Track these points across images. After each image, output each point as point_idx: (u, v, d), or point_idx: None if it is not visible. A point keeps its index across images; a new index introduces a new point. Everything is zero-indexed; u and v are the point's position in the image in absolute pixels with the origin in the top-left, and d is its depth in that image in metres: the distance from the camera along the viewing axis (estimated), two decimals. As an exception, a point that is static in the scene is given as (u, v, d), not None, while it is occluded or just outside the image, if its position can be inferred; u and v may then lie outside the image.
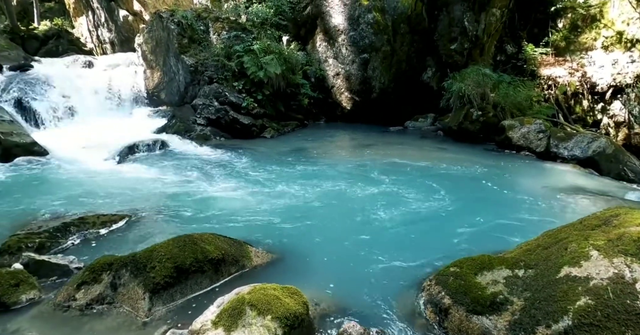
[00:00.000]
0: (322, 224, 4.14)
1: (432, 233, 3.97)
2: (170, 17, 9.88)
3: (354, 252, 3.57)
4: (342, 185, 5.34)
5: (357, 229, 4.04)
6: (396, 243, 3.77)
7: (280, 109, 9.59)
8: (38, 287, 2.95)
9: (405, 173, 5.98)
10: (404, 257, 3.44)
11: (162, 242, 2.94)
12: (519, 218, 4.39)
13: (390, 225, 4.13)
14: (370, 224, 4.17)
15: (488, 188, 5.36)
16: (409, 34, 9.89)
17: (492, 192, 5.21)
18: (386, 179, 5.62)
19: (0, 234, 3.82)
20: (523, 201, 4.92)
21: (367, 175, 5.83)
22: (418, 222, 4.22)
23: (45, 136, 7.84)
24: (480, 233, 3.97)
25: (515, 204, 4.83)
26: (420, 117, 10.24)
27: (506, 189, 5.37)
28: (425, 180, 5.61)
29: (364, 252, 3.55)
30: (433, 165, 6.43)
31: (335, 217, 4.33)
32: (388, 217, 4.32)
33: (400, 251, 3.55)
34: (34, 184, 5.54)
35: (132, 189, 5.24)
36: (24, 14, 19.15)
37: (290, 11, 10.45)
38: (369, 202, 4.77)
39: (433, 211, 4.49)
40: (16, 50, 14.18)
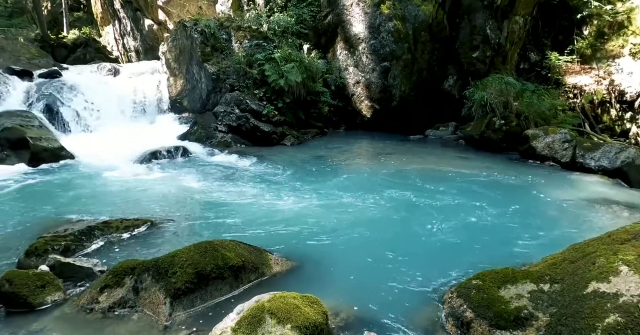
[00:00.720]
0: (342, 232, 4.11)
1: (454, 244, 3.90)
2: (194, 26, 10.09)
3: (375, 261, 3.54)
4: (362, 194, 5.31)
5: (378, 238, 4.00)
6: (417, 253, 3.71)
7: (301, 116, 9.65)
8: (63, 289, 3.01)
9: (425, 182, 5.91)
10: (425, 267, 3.38)
11: (184, 248, 2.97)
12: (544, 230, 4.28)
13: (411, 235, 4.08)
14: (390, 233, 4.13)
15: (511, 199, 5.25)
16: (430, 42, 9.84)
17: (516, 203, 5.09)
18: (406, 189, 5.56)
19: (28, 236, 3.94)
20: (548, 213, 4.81)
21: (387, 185, 5.79)
22: (439, 232, 4.16)
23: (72, 141, 8.09)
24: (503, 245, 3.88)
25: (539, 215, 4.71)
26: (441, 126, 10.14)
27: (530, 200, 5.25)
28: (447, 190, 5.53)
29: (384, 261, 3.51)
30: (455, 175, 6.34)
31: (355, 226, 4.30)
32: (409, 227, 4.27)
33: (421, 261, 3.50)
34: (60, 188, 5.71)
35: (154, 194, 5.34)
36: (54, 23, 19.85)
37: (311, 20, 10.54)
38: (390, 211, 4.73)
39: (455, 222, 4.42)
40: (46, 58, 14.71)
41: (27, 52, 13.86)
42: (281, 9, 10.75)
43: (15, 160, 6.90)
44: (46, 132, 7.85)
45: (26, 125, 7.54)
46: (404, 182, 5.91)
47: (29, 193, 5.44)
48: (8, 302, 2.83)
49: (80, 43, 17.97)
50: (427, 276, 3.25)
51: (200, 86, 9.94)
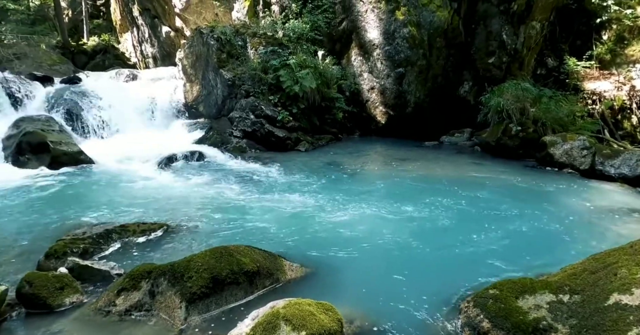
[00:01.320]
0: (356, 240, 4.10)
1: (470, 252, 3.85)
2: (210, 33, 10.23)
3: (389, 269, 3.51)
4: (377, 201, 5.29)
5: (393, 246, 3.97)
6: (433, 261, 3.68)
7: (315, 122, 9.68)
8: (81, 291, 3.06)
9: (441, 189, 5.86)
10: (441, 276, 3.35)
11: (199, 253, 2.99)
12: (562, 239, 4.20)
13: (427, 243, 4.04)
14: (406, 241, 4.09)
15: (529, 207, 5.16)
16: (445, 48, 9.81)
17: (533, 211, 5.01)
18: (422, 195, 5.52)
19: (48, 238, 4.01)
20: (566, 222, 4.71)
21: (402, 191, 5.76)
22: (455, 240, 4.11)
23: (90, 145, 8.24)
24: (520, 254, 3.81)
25: (557, 224, 4.62)
26: (457, 132, 10.07)
27: (548, 208, 5.16)
28: (462, 197, 5.47)
29: (399, 269, 3.48)
30: (471, 182, 6.28)
31: (370, 233, 4.28)
32: (425, 234, 4.24)
33: (437, 270, 3.47)
34: (79, 191, 5.82)
35: (170, 198, 5.40)
36: (74, 30, 20.38)
37: (326, 26, 10.61)
38: (404, 218, 4.70)
39: (470, 230, 4.36)
40: (66, 64, 15.07)
41: (48, 58, 14.23)
42: (296, 15, 10.83)
43: (36, 164, 7.06)
44: (66, 136, 8.02)
45: (47, 130, 7.72)
46: (419, 189, 5.87)
47: (49, 196, 5.55)
48: (28, 303, 2.89)
49: (99, 50, 18.41)
50: (442, 285, 3.21)
51: (216, 92, 10.06)
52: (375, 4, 9.92)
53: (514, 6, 9.46)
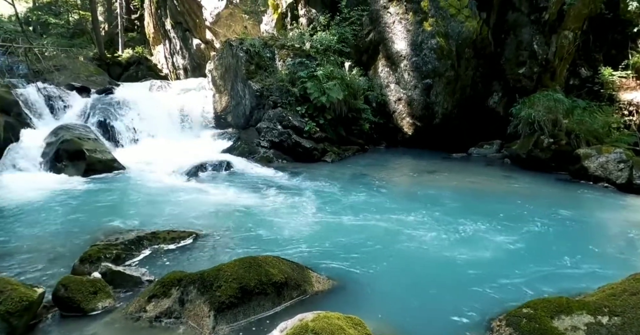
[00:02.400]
0: (384, 253, 4.05)
1: (502, 269, 3.73)
2: (240, 45, 10.46)
3: (418, 284, 3.45)
4: (405, 213, 5.22)
5: (422, 260, 3.90)
6: (462, 276, 3.58)
7: (342, 133, 9.70)
8: (113, 296, 3.13)
9: (471, 202, 5.74)
10: (472, 292, 3.26)
11: (229, 263, 3.02)
12: (598, 257, 4.03)
13: (457, 257, 3.95)
14: (435, 255, 4.01)
15: (562, 222, 4.99)
16: (474, 58, 9.70)
17: (567, 227, 4.84)
18: (450, 209, 5.42)
19: (82, 243, 4.14)
20: (602, 238, 4.53)
21: (430, 204, 5.66)
22: (486, 255, 4.01)
23: (123, 153, 8.49)
24: (554, 272, 3.68)
25: (593, 241, 4.45)
26: (486, 144, 9.88)
27: (583, 224, 4.97)
28: (493, 211, 5.34)
29: (428, 284, 3.42)
30: (501, 196, 6.12)
31: (399, 247, 4.22)
32: (454, 248, 4.14)
33: (467, 285, 3.38)
34: (112, 198, 5.99)
35: (199, 206, 5.49)
36: (110, 43, 21.20)
37: (353, 38, 10.68)
38: (434, 232, 4.61)
39: (502, 245, 4.25)
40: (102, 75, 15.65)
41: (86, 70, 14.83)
42: (324, 27, 10.96)
43: (72, 171, 7.33)
44: (100, 144, 8.30)
45: (83, 138, 8.00)
46: (447, 202, 5.76)
47: (84, 202, 5.74)
48: (63, 306, 2.97)
49: (133, 61, 19.08)
50: (473, 301, 3.12)
51: (244, 103, 10.24)
52: (403, 15, 9.94)
53: (546, 15, 9.31)
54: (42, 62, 14.05)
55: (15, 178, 6.88)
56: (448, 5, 9.41)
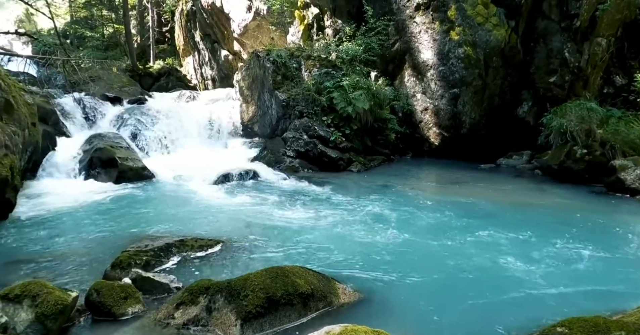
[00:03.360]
0: (412, 265, 3.98)
1: (535, 284, 3.60)
2: (267, 56, 10.64)
3: (447, 298, 3.37)
4: (432, 225, 5.14)
5: (450, 274, 3.81)
6: (495, 291, 3.47)
7: (367, 143, 9.68)
8: (142, 301, 3.17)
9: (500, 215, 5.58)
10: (504, 307, 3.16)
11: (256, 272, 3.04)
12: (635, 275, 3.84)
13: (486, 271, 3.84)
14: (465, 268, 3.91)
15: (598, 238, 4.79)
16: (502, 67, 9.54)
17: (603, 242, 4.64)
18: (479, 221, 5.28)
19: (113, 248, 4.23)
20: (641, 254, 4.33)
21: (458, 216, 5.54)
22: (518, 270, 3.88)
23: (153, 161, 8.69)
24: (590, 289, 3.52)
25: (630, 258, 4.24)
26: (515, 154, 9.64)
27: (619, 239, 4.76)
28: (524, 224, 5.17)
29: (457, 299, 3.33)
30: (532, 208, 5.94)
31: (426, 260, 4.14)
32: (484, 262, 4.03)
33: (500, 300, 3.27)
34: (142, 204, 6.13)
35: (226, 215, 5.56)
36: (142, 54, 21.94)
37: (379, 48, 10.69)
38: (462, 245, 4.51)
39: (535, 259, 4.11)
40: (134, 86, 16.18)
41: (119, 80, 15.38)
42: (350, 38, 11.03)
43: (105, 178, 7.57)
44: (131, 152, 8.54)
45: (115, 146, 8.26)
46: (477, 214, 5.63)
47: (115, 208, 5.91)
48: (95, 310, 3.03)
49: (163, 72, 19.66)
50: (505, 317, 3.02)
51: (271, 112, 10.37)
52: (429, 24, 9.90)
53: (577, 22, 9.08)
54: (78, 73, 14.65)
55: (52, 184, 7.15)
56: (475, 14, 9.32)
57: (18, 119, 5.82)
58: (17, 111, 5.82)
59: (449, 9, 9.54)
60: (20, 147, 5.77)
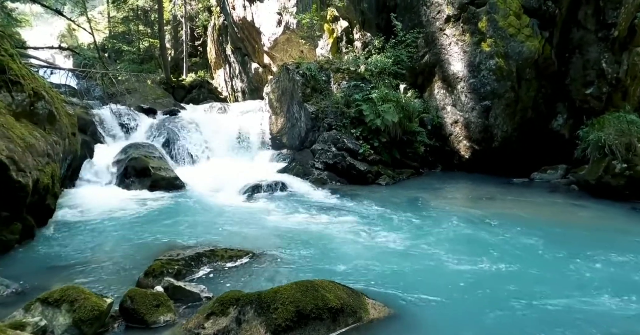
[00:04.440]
0: (443, 281, 3.88)
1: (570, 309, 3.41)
2: (296, 69, 10.79)
3: (480, 316, 3.25)
4: (464, 241, 5.01)
5: (483, 293, 3.68)
6: (530, 312, 3.33)
7: (396, 156, 9.61)
8: (174, 310, 3.21)
9: (536, 234, 5.35)
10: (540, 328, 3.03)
11: (286, 285, 3.03)
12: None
13: (521, 293, 3.66)
14: (496, 289, 3.76)
15: (641, 257, 4.55)
16: (536, 79, 9.33)
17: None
18: (513, 239, 5.10)
19: (146, 256, 4.33)
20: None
21: (491, 233, 5.37)
22: (555, 290, 3.71)
23: (184, 171, 8.89)
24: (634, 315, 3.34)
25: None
26: (549, 169, 9.34)
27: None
28: (561, 242, 4.97)
29: (489, 320, 3.21)
30: (570, 226, 5.68)
31: (458, 278, 4.02)
32: (518, 283, 3.86)
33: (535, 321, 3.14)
34: (173, 214, 6.27)
35: (255, 226, 5.60)
36: (175, 67, 22.69)
37: (409, 60, 10.65)
38: (497, 263, 4.34)
39: (572, 280, 3.93)
40: (168, 98, 16.73)
41: (153, 93, 15.94)
42: (378, 50, 11.05)
43: (138, 186, 7.80)
44: (164, 162, 8.79)
45: (149, 156, 8.52)
46: (510, 231, 5.43)
47: (148, 216, 6.06)
48: (128, 317, 3.09)
49: (195, 85, 20.25)
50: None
51: (300, 125, 10.46)
52: (460, 36, 9.82)
53: (615, 32, 8.80)
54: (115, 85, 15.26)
55: (89, 191, 7.42)
56: (507, 25, 9.18)
57: (60, 129, 6.08)
58: (59, 122, 6.09)
59: (480, 20, 9.44)
60: (60, 156, 6.02)
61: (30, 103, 5.48)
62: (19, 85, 5.29)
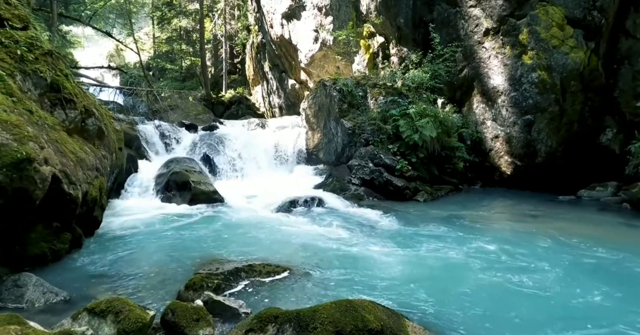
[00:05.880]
0: (486, 304, 3.70)
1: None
2: (333, 85, 10.88)
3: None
4: (508, 262, 4.77)
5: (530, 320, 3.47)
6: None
7: (434, 172, 9.42)
8: (212, 325, 3.22)
9: (585, 255, 5.04)
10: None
11: (325, 304, 2.99)
12: None
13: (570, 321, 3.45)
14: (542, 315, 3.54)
15: None
16: (582, 91, 8.96)
17: None
18: (561, 261, 4.81)
19: (186, 269, 4.40)
20: None
21: (537, 254, 5.09)
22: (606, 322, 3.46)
23: (222, 186, 9.06)
24: None
25: None
26: (598, 186, 8.86)
27: None
28: (614, 267, 4.64)
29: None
30: (623, 249, 5.28)
31: (502, 299, 3.84)
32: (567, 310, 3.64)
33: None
34: (212, 227, 6.37)
35: (292, 241, 5.60)
36: (215, 84, 23.47)
37: (446, 75, 10.53)
38: (540, 288, 4.10)
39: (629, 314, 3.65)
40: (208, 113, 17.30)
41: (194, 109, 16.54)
42: (415, 65, 10.99)
43: (179, 200, 8.01)
44: (204, 177, 9.00)
45: (190, 170, 8.75)
46: (556, 253, 5.13)
47: (188, 229, 6.19)
48: (169, 329, 3.13)
49: (234, 101, 20.84)
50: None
51: (336, 140, 10.49)
52: (499, 49, 9.62)
53: (668, 42, 8.37)
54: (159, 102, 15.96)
55: (132, 204, 7.72)
56: (550, 37, 8.91)
57: (107, 144, 6.37)
58: (107, 137, 6.39)
59: (521, 32, 9.23)
60: (108, 170, 6.29)
61: (82, 120, 5.79)
62: (72, 103, 5.60)
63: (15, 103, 4.54)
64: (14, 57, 4.98)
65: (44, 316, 3.35)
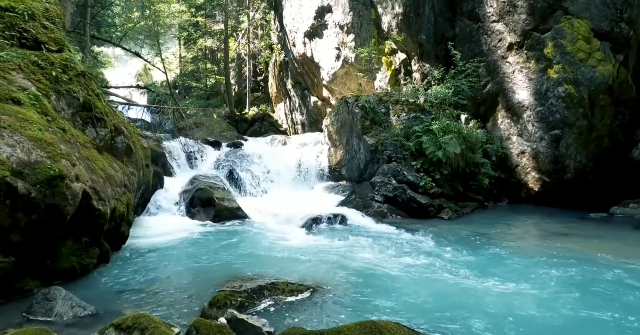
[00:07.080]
0: (514, 326, 3.57)
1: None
2: (355, 102, 10.93)
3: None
4: (537, 284, 4.58)
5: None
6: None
7: (459, 189, 9.25)
8: (235, 343, 3.22)
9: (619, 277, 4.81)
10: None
11: (349, 325, 2.93)
12: None
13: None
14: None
15: None
16: (611, 105, 8.72)
17: None
18: (593, 285, 4.58)
19: (210, 286, 4.40)
20: None
21: (569, 273, 4.90)
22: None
23: (246, 202, 9.12)
24: None
25: None
26: (632, 203, 8.51)
27: None
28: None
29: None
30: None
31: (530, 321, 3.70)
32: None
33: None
34: (235, 244, 6.41)
35: (315, 259, 5.54)
36: (239, 102, 23.93)
37: (470, 90, 10.43)
38: (570, 312, 3.92)
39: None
40: (232, 130, 17.60)
41: (219, 126, 16.86)
42: (438, 81, 10.95)
43: (203, 216, 8.11)
44: (228, 193, 9.09)
45: (214, 187, 8.88)
46: (590, 273, 4.91)
47: (212, 245, 6.24)
48: (193, 348, 3.14)
49: (257, 118, 21.17)
50: None
51: (359, 157, 10.47)
52: (524, 64, 9.51)
53: (703, 54, 8.10)
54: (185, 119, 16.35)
55: (158, 219, 7.84)
56: (576, 50, 8.76)
57: (135, 161, 6.54)
58: (135, 154, 6.56)
59: (545, 46, 9.11)
60: (135, 186, 6.45)
61: (112, 137, 5.98)
62: (102, 121, 5.81)
63: (50, 122, 4.73)
64: (49, 78, 5.23)
65: (71, 330, 3.41)
